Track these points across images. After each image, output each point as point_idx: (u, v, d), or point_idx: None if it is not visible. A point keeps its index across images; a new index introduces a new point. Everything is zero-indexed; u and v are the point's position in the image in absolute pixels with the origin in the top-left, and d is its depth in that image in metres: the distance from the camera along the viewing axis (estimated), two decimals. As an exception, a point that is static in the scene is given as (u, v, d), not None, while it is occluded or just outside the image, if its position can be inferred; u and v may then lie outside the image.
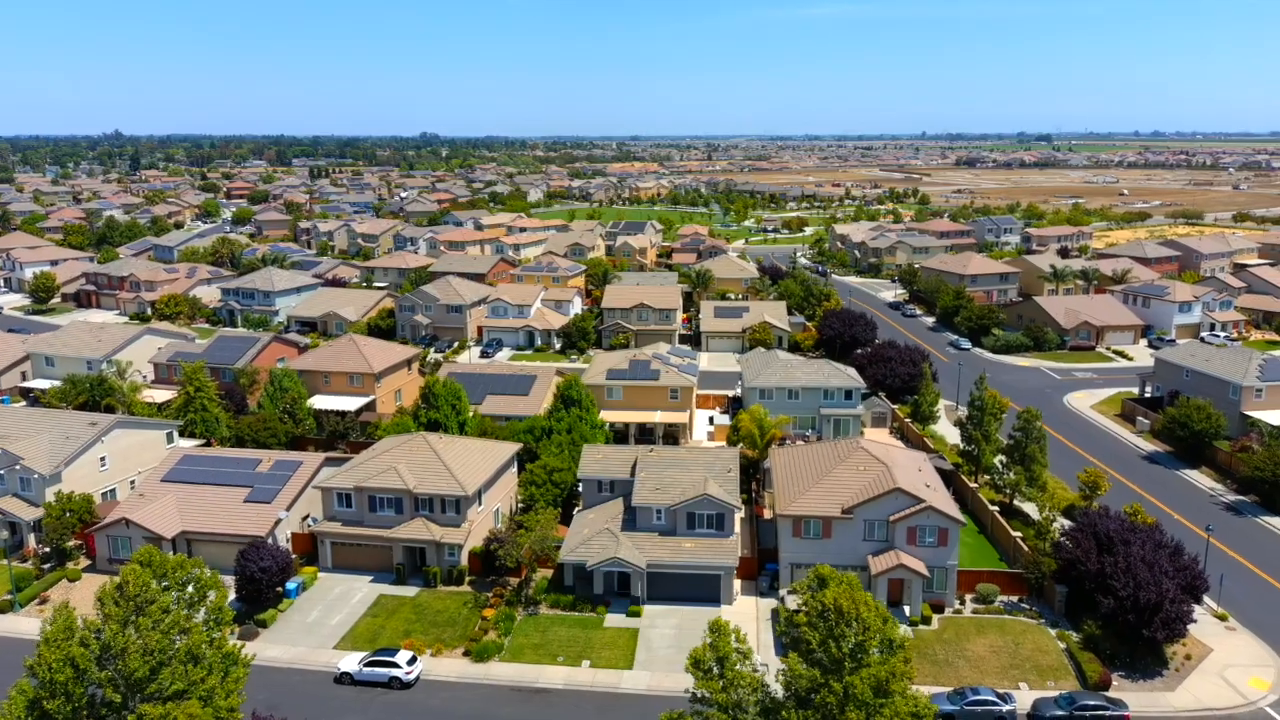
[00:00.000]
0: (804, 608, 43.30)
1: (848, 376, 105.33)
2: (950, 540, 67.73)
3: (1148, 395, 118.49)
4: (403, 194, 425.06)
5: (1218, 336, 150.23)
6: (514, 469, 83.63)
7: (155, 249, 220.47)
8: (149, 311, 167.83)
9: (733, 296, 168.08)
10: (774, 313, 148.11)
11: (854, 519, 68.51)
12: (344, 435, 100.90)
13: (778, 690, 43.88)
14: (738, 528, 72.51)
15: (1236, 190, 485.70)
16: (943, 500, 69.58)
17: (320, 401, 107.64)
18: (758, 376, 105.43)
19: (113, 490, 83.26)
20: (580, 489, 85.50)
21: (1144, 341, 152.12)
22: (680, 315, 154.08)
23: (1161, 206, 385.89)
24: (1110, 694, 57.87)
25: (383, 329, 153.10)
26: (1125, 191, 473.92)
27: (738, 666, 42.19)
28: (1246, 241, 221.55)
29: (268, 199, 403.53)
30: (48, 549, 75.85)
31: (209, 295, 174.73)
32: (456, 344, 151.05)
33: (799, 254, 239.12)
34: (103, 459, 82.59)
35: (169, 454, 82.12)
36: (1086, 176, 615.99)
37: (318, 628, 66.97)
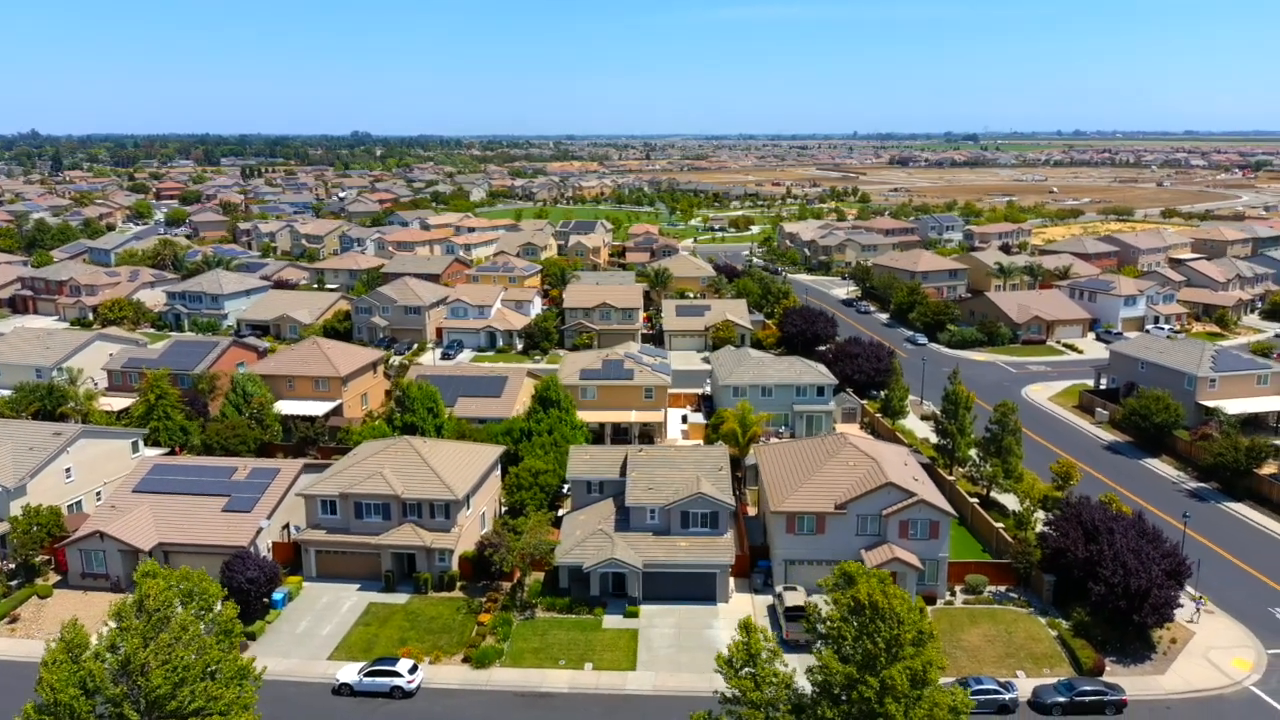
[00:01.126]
0: (833, 604, 43.47)
1: (819, 373, 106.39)
2: (941, 532, 68.79)
3: (1103, 387, 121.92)
4: (341, 194, 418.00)
5: (1162, 329, 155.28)
6: (498, 472, 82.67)
7: (90, 252, 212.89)
8: (90, 316, 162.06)
9: (691, 295, 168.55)
10: (735, 311, 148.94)
11: (847, 514, 69.17)
12: (313, 441, 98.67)
13: (803, 686, 44.05)
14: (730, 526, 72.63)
15: (1160, 187, 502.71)
16: (932, 493, 70.64)
17: (285, 407, 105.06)
18: (731, 374, 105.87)
19: (79, 502, 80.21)
20: (564, 490, 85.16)
21: (1092, 335, 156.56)
22: (641, 314, 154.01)
23: (1092, 204, 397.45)
24: (1105, 679, 59.35)
25: (339, 332, 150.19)
26: (1055, 189, 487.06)
27: (769, 665, 42.16)
28: (1179, 237, 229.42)
29: (200, 199, 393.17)
30: (14, 565, 72.70)
31: (153, 299, 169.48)
32: (416, 346, 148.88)
33: (749, 253, 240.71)
34: (68, 470, 79.51)
35: (138, 463, 79.34)
36: (1016, 175, 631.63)
37: (308, 638, 65.35)
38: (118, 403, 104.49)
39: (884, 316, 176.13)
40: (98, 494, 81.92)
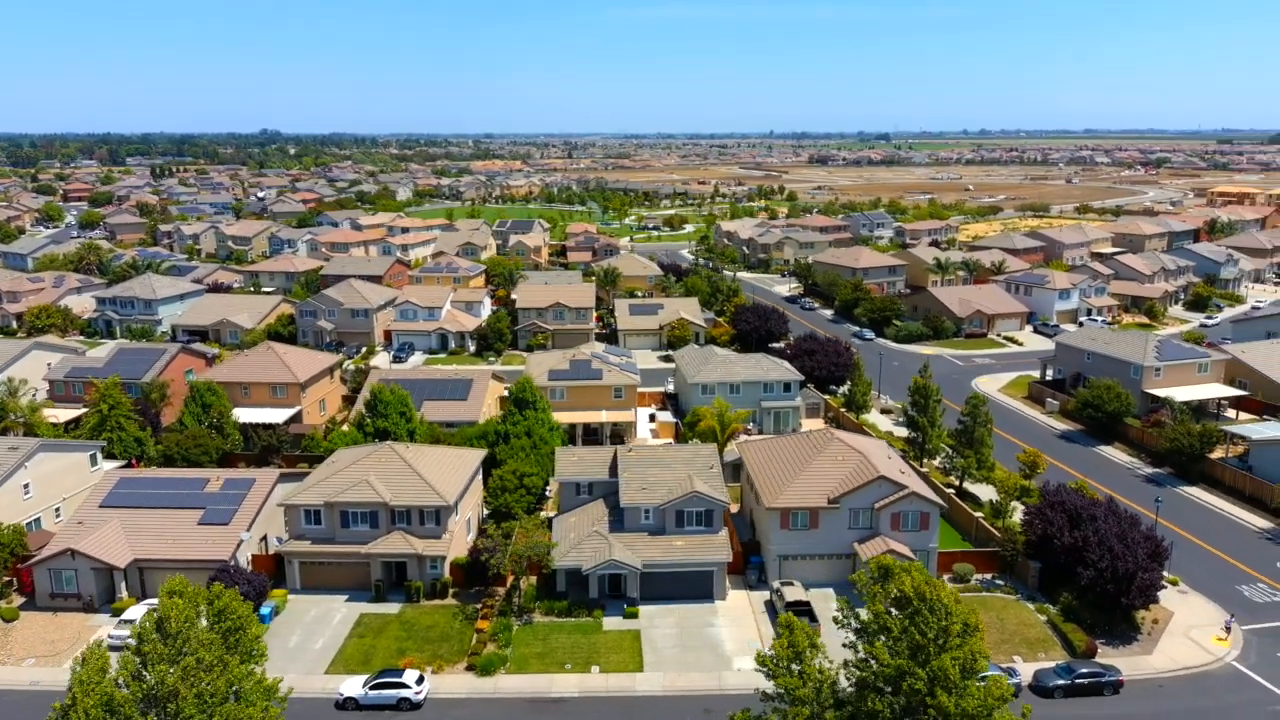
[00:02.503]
0: (871, 598, 43.89)
1: (786, 370, 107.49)
2: (931, 523, 70.19)
3: (1050, 378, 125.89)
4: (260, 194, 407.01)
5: (1095, 321, 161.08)
6: (480, 476, 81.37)
7: (5, 257, 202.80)
8: (14, 325, 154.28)
9: (640, 294, 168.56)
10: (689, 309, 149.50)
11: (840, 508, 70.04)
12: (276, 449, 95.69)
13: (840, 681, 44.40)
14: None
15: (1070, 184, 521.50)
16: (921, 485, 72.00)
17: (243, 415, 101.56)
18: (699, 372, 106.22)
19: (37, 520, 76.30)
20: (546, 493, 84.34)
21: (1029, 328, 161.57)
22: (593, 314, 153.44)
23: (1008, 200, 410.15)
24: (1100, 661, 61.30)
25: (283, 336, 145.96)
26: (971, 187, 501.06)
27: (812, 660, 42.41)
28: (1100, 231, 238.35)
29: (112, 200, 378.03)
30: (-26, 588, 68.84)
31: (80, 305, 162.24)
32: (364, 349, 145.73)
33: (694, 251, 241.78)
34: (26, 486, 75.52)
35: (104, 477, 75.78)
36: (931, 173, 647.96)
37: (301, 652, 63.32)
38: (64, 414, 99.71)
39: (828, 313, 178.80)
40: (57, 510, 78.05)
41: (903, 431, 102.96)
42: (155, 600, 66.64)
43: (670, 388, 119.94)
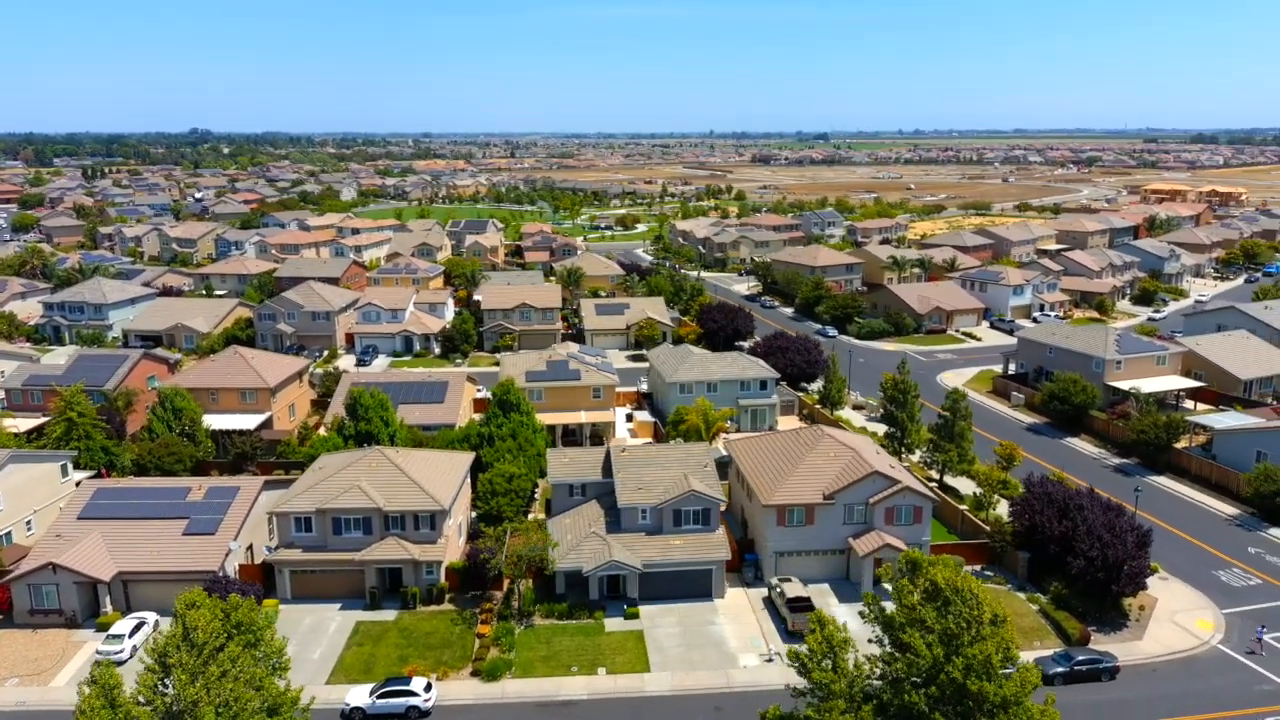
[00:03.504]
0: (900, 591, 44.42)
1: (761, 368, 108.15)
2: (924, 517, 71.24)
3: (1013, 372, 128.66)
4: (198, 194, 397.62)
5: (1048, 316, 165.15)
6: (469, 479, 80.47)
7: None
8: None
9: (603, 294, 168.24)
10: (655, 308, 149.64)
11: (834, 504, 70.71)
12: (251, 456, 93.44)
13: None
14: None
15: (1007, 183, 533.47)
16: (913, 480, 73.05)
17: (212, 421, 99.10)
18: (676, 371, 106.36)
19: (8, 534, 73.44)
20: (534, 495, 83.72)
21: (986, 323, 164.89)
22: (559, 314, 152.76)
23: (950, 199, 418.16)
24: (1095, 648, 62.86)
25: (241, 340, 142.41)
26: (912, 186, 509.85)
27: (844, 655, 42.79)
28: (1045, 229, 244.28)
29: (44, 202, 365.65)
30: (-54, 606, 66.05)
31: (25, 310, 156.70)
32: (326, 352, 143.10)
33: (642, 250, 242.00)
34: (-4, 499, 72.73)
35: (80, 488, 73.28)
36: (872, 172, 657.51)
37: (300, 663, 61.60)
38: (24, 423, 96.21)
39: (788, 311, 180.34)
40: (28, 523, 75.26)
41: (876, 427, 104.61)
42: (143, 614, 65.03)
43: (644, 387, 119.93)
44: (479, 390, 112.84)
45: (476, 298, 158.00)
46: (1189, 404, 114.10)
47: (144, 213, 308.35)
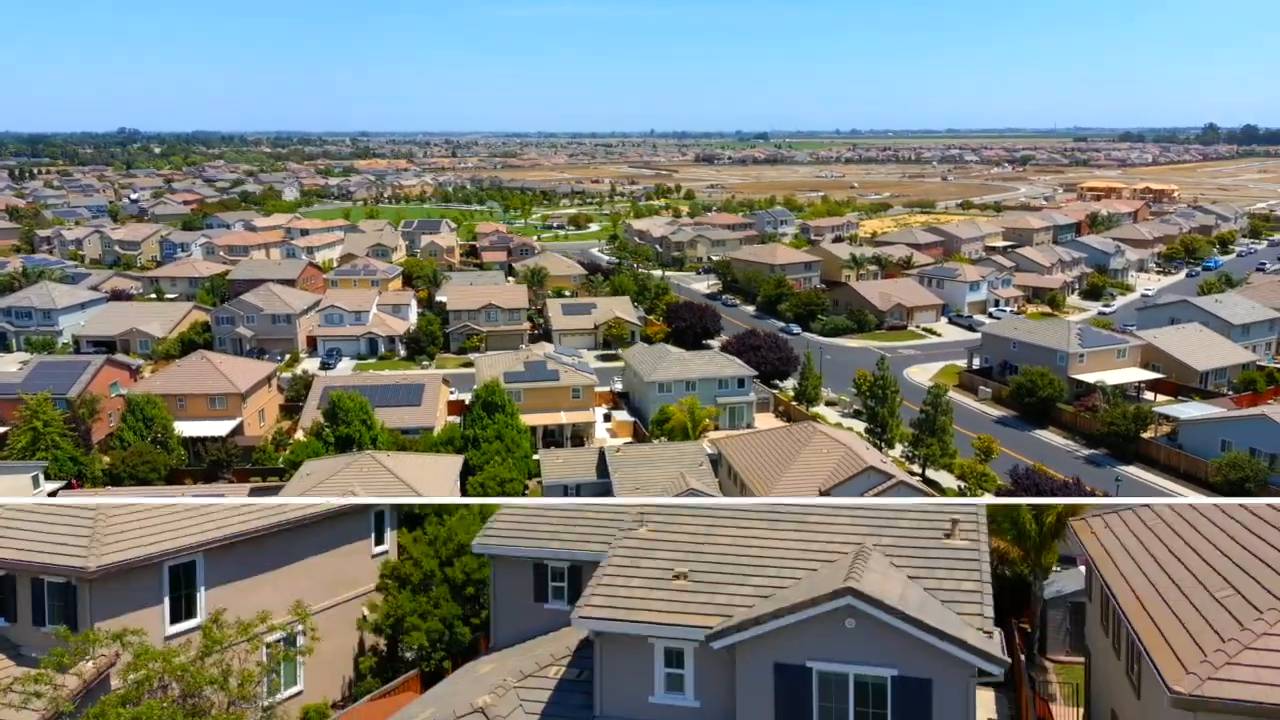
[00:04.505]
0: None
1: (739, 365, 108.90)
2: (918, 511, 72.27)
3: (977, 367, 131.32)
4: (133, 195, 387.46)
5: (1004, 311, 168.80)
6: (459, 484, 79.58)
7: None
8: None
9: (568, 293, 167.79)
10: (622, 308, 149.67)
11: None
12: (226, 464, 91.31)
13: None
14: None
15: (945, 182, 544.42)
16: (904, 474, 74.19)
17: (182, 428, 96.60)
18: (655, 371, 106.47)
19: (-19, 548, 70.57)
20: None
21: (944, 319, 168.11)
22: (525, 314, 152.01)
23: (894, 198, 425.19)
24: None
25: (199, 344, 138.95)
26: (856, 185, 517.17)
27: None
28: (991, 226, 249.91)
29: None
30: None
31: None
32: (288, 356, 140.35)
33: (597, 250, 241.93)
34: (-32, 513, 69.81)
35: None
36: (815, 172, 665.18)
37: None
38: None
39: (750, 309, 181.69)
40: (1, 538, 72.43)
41: (850, 423, 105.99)
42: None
43: (619, 386, 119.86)
44: (452, 392, 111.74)
45: (440, 299, 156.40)
46: (1149, 395, 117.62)
47: (81, 214, 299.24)
